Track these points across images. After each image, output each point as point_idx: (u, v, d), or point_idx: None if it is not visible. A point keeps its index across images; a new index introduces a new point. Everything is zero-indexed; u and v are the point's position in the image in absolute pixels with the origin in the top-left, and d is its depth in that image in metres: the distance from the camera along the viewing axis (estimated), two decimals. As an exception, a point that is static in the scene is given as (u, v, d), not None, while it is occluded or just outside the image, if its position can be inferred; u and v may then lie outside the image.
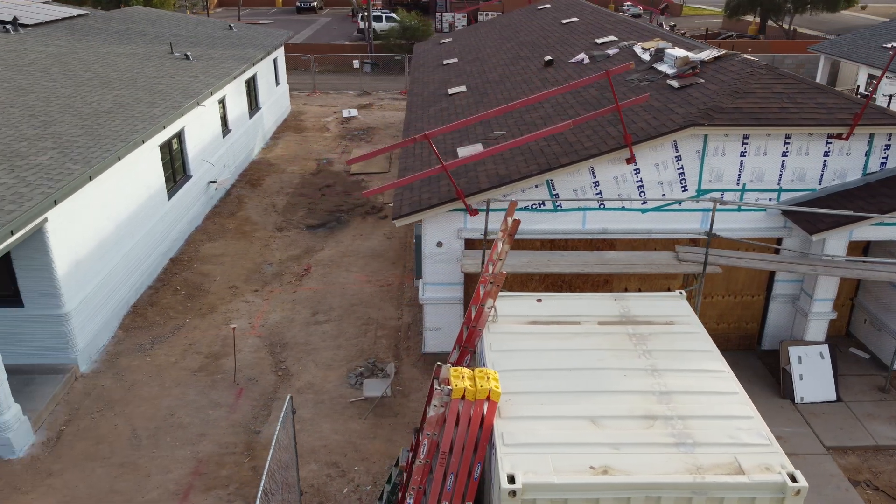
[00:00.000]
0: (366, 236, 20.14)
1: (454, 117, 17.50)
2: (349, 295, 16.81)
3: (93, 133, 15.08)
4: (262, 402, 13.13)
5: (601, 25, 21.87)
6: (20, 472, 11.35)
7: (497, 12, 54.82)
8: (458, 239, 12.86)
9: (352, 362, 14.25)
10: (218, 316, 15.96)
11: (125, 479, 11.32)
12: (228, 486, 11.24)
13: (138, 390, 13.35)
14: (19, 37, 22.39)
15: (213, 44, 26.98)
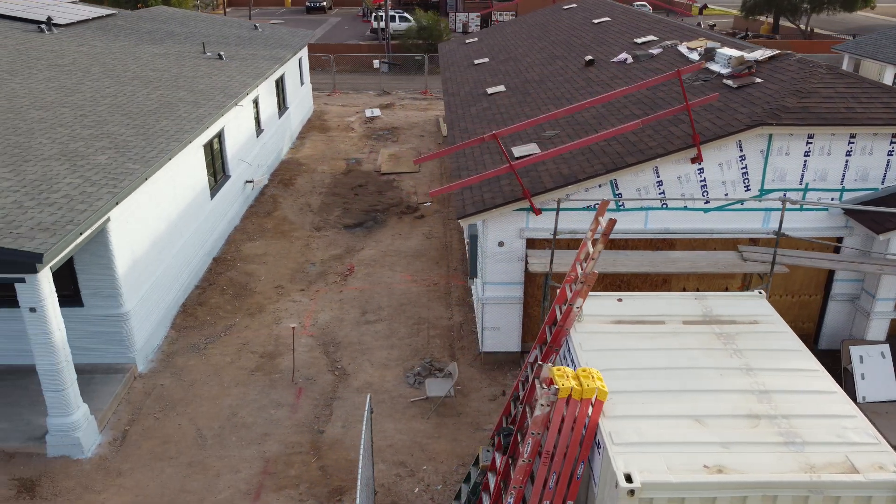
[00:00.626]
0: (405, 236, 20.13)
1: (498, 117, 17.50)
2: (396, 295, 16.81)
3: (145, 132, 15.07)
4: (322, 401, 13.12)
5: (636, 25, 21.86)
6: (90, 472, 11.35)
7: (512, 12, 54.88)
8: (519, 238, 12.85)
9: (407, 362, 14.25)
10: (267, 315, 15.96)
11: (195, 478, 11.31)
12: (298, 485, 11.24)
13: (198, 390, 13.34)
14: (54, 37, 22.38)
15: (242, 44, 26.97)
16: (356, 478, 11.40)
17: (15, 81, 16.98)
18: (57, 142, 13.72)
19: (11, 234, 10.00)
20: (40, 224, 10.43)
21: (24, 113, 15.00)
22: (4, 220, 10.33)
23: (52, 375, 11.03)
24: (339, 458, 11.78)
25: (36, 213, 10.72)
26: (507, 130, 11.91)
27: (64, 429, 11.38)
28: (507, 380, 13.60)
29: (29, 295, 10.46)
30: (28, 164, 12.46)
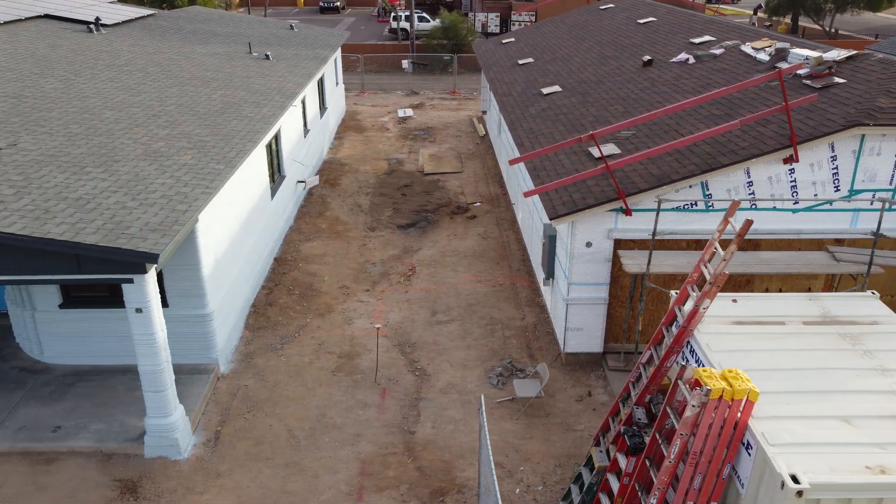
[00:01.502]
0: (460, 236, 20.11)
1: (562, 117, 17.48)
2: (464, 295, 16.79)
3: (218, 132, 15.05)
4: (407, 402, 13.11)
5: (687, 25, 21.86)
6: (189, 473, 11.33)
7: (532, 12, 54.82)
8: (607, 239, 12.84)
9: (487, 362, 14.23)
10: (337, 315, 15.94)
11: (294, 479, 11.30)
12: (399, 486, 11.22)
13: (282, 390, 13.33)
14: (103, 37, 22.36)
15: (283, 43, 26.95)
16: (455, 479, 11.40)
17: (80, 82, 16.95)
18: (138, 142, 13.70)
19: (124, 235, 9.98)
20: (148, 224, 10.41)
21: (99, 113, 14.98)
22: (113, 221, 10.31)
23: (153, 376, 11.02)
24: (435, 459, 11.77)
25: (141, 214, 10.70)
26: (604, 130, 11.90)
27: (162, 429, 11.36)
28: (590, 380, 13.59)
29: (136, 295, 10.45)
30: (118, 164, 12.45)
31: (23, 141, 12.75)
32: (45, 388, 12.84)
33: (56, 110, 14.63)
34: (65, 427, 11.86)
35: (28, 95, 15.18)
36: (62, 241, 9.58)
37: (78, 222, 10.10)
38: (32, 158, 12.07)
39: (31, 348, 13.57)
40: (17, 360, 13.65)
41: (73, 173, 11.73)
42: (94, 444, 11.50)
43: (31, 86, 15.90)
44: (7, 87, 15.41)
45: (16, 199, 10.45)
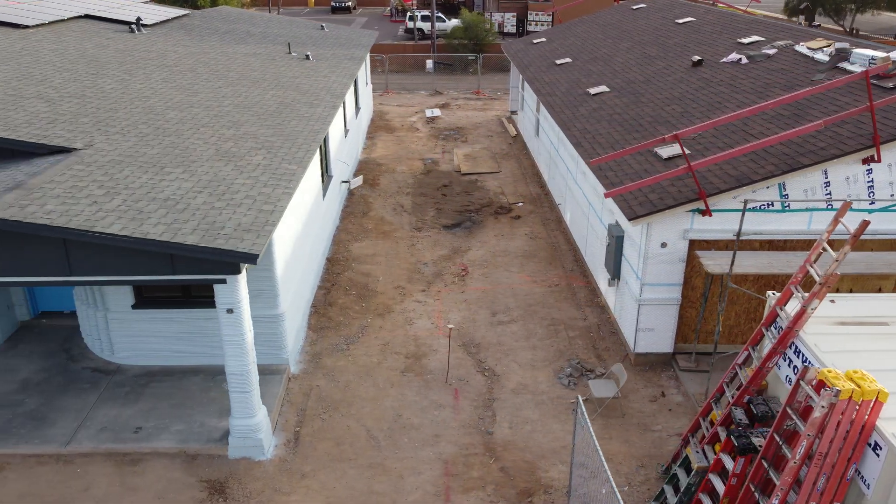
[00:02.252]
0: (507, 236, 20.10)
1: (616, 116, 17.47)
2: (521, 296, 16.78)
3: (281, 132, 15.03)
4: (481, 402, 13.10)
5: (730, 25, 21.84)
6: (274, 474, 11.32)
7: (548, 12, 54.81)
8: (682, 240, 12.83)
9: (554, 363, 14.22)
10: (396, 316, 15.93)
11: (379, 480, 11.28)
12: (484, 487, 11.21)
13: (354, 391, 13.31)
14: (145, 37, 22.33)
15: (317, 43, 26.92)
16: (539, 479, 11.39)
17: (136, 82, 16.93)
18: (208, 142, 13.68)
19: (221, 235, 9.96)
20: (241, 224, 10.39)
21: (163, 114, 14.96)
22: (206, 221, 10.29)
23: (241, 377, 11.01)
24: (517, 460, 11.76)
25: (231, 214, 10.68)
26: (688, 131, 11.89)
27: (247, 430, 11.35)
28: (661, 381, 13.58)
29: (228, 296, 10.43)
30: (194, 164, 12.43)
31: (97, 141, 12.73)
32: (119, 388, 12.81)
33: (121, 111, 14.61)
34: (146, 428, 11.84)
35: (90, 96, 15.16)
36: (163, 241, 9.56)
37: (173, 223, 10.08)
38: (112, 159, 12.05)
39: (102, 349, 13.55)
40: (87, 360, 13.63)
41: (154, 174, 11.71)
42: (178, 445, 11.48)
43: (91, 86, 15.88)
44: (69, 88, 15.38)
45: (108, 200, 10.43)
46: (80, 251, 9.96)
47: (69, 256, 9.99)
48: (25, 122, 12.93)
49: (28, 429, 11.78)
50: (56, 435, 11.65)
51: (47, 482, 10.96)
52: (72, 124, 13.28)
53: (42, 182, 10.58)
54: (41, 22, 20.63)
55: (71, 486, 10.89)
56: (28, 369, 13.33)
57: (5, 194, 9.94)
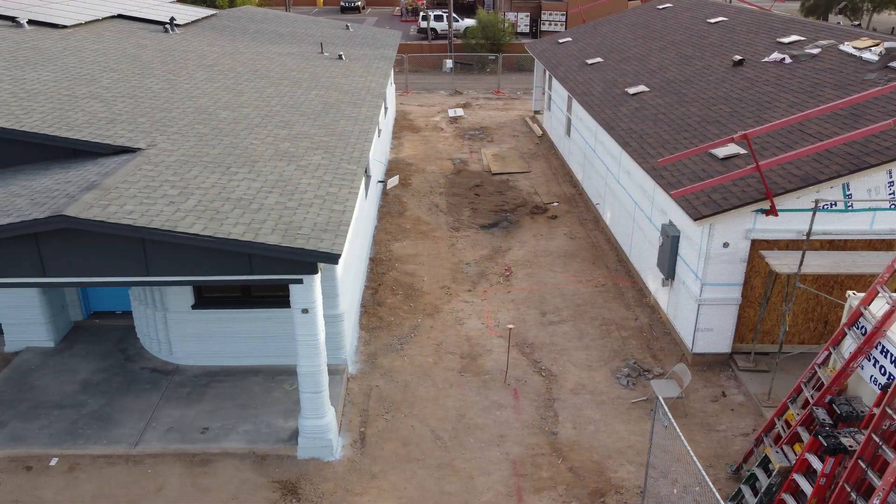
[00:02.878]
0: (546, 236, 20.07)
1: (661, 116, 17.46)
2: (568, 296, 16.76)
3: (332, 132, 15.01)
4: (541, 402, 13.08)
5: (767, 24, 21.82)
6: (344, 475, 11.30)
7: (562, 11, 54.82)
8: (744, 240, 12.81)
9: (610, 363, 14.20)
10: (446, 316, 15.91)
11: (449, 480, 11.26)
12: (555, 487, 11.19)
13: (414, 391, 13.29)
14: (180, 37, 22.31)
15: (345, 43, 26.90)
16: (609, 479, 11.37)
17: (181, 81, 16.91)
18: (265, 142, 13.66)
19: (300, 235, 9.94)
20: (316, 224, 10.37)
21: (216, 113, 14.94)
22: (282, 221, 10.27)
23: (312, 377, 10.99)
24: (584, 460, 11.74)
25: (304, 214, 10.65)
26: (758, 130, 11.87)
27: (318, 430, 11.33)
28: (721, 381, 13.56)
29: (304, 296, 10.41)
30: (258, 164, 12.41)
31: (159, 141, 12.70)
32: (180, 388, 12.79)
33: (174, 111, 14.58)
34: (213, 428, 11.82)
35: (141, 96, 15.14)
36: (245, 241, 9.53)
37: (251, 223, 10.06)
38: (177, 159, 12.03)
39: (160, 349, 13.53)
40: (144, 360, 13.61)
41: (221, 174, 11.69)
42: (247, 446, 11.46)
43: (139, 86, 15.86)
44: (119, 88, 15.36)
45: (183, 200, 10.41)
46: (158, 251, 9.94)
47: (147, 256, 9.97)
48: (85, 122, 12.91)
49: (94, 429, 11.75)
50: (123, 435, 11.62)
51: (119, 483, 10.94)
52: (130, 124, 13.25)
53: (116, 182, 10.55)
54: (79, 22, 20.61)
55: (143, 486, 10.87)
56: (86, 370, 13.30)
57: (83, 194, 9.92)
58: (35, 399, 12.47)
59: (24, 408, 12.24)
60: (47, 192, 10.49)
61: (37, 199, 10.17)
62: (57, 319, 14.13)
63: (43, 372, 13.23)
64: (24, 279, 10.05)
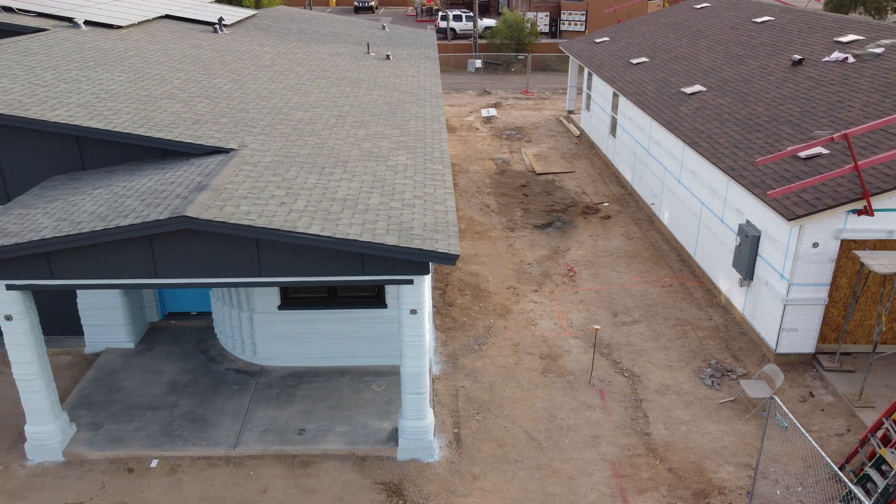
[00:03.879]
0: (603, 237, 20.04)
1: (726, 116, 17.42)
2: (637, 296, 16.72)
3: (406, 132, 14.97)
4: (628, 403, 13.04)
5: (818, 24, 21.78)
6: (446, 476, 11.26)
7: (581, 11, 54.79)
8: (834, 240, 12.78)
9: (690, 363, 14.17)
10: (517, 316, 15.87)
11: (551, 482, 11.22)
12: (657, 488, 11.16)
13: (500, 392, 13.25)
14: (230, 37, 22.27)
15: (386, 43, 26.86)
16: (710, 480, 11.33)
17: (247, 81, 16.87)
18: (346, 142, 13.62)
19: (415, 236, 9.90)
20: (426, 225, 10.33)
21: (291, 114, 14.90)
22: (392, 221, 10.23)
23: (416, 378, 10.95)
24: (682, 461, 11.70)
25: (410, 214, 10.61)
26: (858, 130, 11.83)
27: (419, 432, 11.29)
28: (806, 381, 13.53)
29: (413, 297, 10.37)
30: (349, 164, 12.37)
31: (248, 142, 12.66)
32: (269, 390, 12.75)
33: (251, 111, 14.55)
34: (309, 429, 11.77)
35: (215, 96, 15.09)
36: (365, 242, 9.49)
37: (364, 223, 10.02)
38: (272, 159, 11.99)
39: (244, 350, 13.49)
40: (227, 361, 13.57)
41: (319, 174, 11.65)
42: (347, 447, 11.42)
43: (209, 86, 15.81)
44: (192, 88, 15.32)
45: (292, 201, 10.37)
46: (271, 252, 9.91)
47: (260, 257, 9.93)
48: (172, 122, 12.87)
49: (190, 431, 11.71)
50: (221, 437, 11.58)
51: (222, 485, 10.90)
52: (215, 125, 13.21)
53: (223, 183, 10.51)
54: (132, 22, 20.57)
55: (248, 488, 10.83)
56: (171, 371, 13.26)
57: (196, 195, 9.87)
58: (125, 400, 12.43)
59: (115, 409, 12.20)
60: (154, 192, 10.45)
61: (147, 200, 10.13)
62: (136, 320, 14.09)
63: (128, 373, 13.19)
64: (136, 280, 10.01)
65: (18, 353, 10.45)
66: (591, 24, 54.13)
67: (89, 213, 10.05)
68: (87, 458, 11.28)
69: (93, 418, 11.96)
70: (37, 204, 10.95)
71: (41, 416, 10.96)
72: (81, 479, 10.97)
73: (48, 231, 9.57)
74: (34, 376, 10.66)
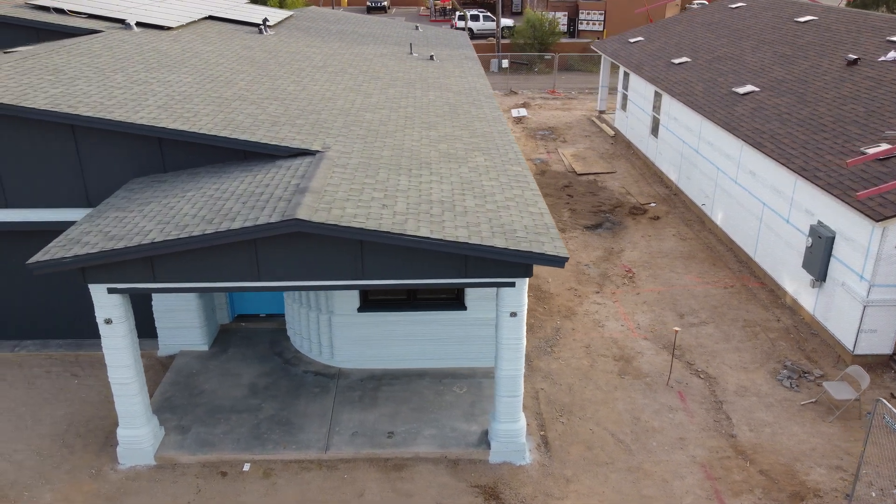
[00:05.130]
0: (655, 237, 19.99)
1: (786, 116, 17.37)
2: (700, 297, 16.67)
3: (474, 133, 14.92)
4: (709, 405, 12.99)
5: (867, 23, 21.73)
6: (539, 479, 11.21)
7: (599, 11, 54.72)
8: (917, 240, 12.73)
9: (766, 365, 14.12)
10: (582, 318, 15.83)
11: (645, 484, 11.18)
12: (752, 490, 11.11)
13: (580, 394, 13.21)
14: (276, 38, 22.23)
15: (423, 43, 26.81)
16: (804, 482, 11.28)
17: (307, 83, 16.82)
18: (421, 143, 13.57)
19: (521, 238, 9.85)
20: (527, 227, 10.28)
21: (360, 115, 14.86)
22: (494, 224, 10.18)
23: (512, 381, 10.90)
24: (773, 463, 11.65)
25: (507, 216, 10.56)
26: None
27: (512, 435, 11.25)
28: (886, 382, 13.48)
29: (514, 299, 10.33)
30: (432, 166, 12.32)
31: (329, 143, 12.61)
32: (350, 392, 12.71)
33: (322, 113, 14.50)
34: (398, 432, 11.73)
35: (283, 97, 15.04)
36: (475, 244, 9.44)
37: (468, 225, 9.97)
38: (359, 161, 11.94)
39: (320, 352, 13.44)
40: (303, 364, 13.53)
41: (408, 176, 11.60)
42: (438, 450, 11.37)
43: (274, 88, 15.76)
44: (258, 90, 15.28)
45: (392, 203, 10.33)
46: (374, 254, 9.86)
47: (364, 260, 9.89)
48: (250, 124, 12.83)
49: (279, 434, 11.67)
50: (311, 440, 11.54)
51: (318, 488, 10.85)
52: (292, 126, 13.17)
53: (321, 185, 10.46)
54: (181, 23, 20.53)
55: (344, 492, 10.79)
56: (249, 373, 13.22)
57: (299, 197, 9.82)
58: (208, 403, 12.38)
59: (200, 412, 12.16)
60: (252, 195, 10.41)
61: (248, 203, 10.09)
62: (209, 323, 14.05)
63: (206, 376, 13.15)
64: (237, 283, 9.97)
65: (116, 356, 10.41)
66: (610, 23, 54.08)
67: (191, 215, 10.00)
68: (178, 461, 11.23)
69: (179, 421, 11.92)
70: (129, 206, 10.90)
71: (135, 419, 10.91)
72: (176, 483, 10.93)
73: (155, 235, 9.52)
74: (130, 380, 10.62)
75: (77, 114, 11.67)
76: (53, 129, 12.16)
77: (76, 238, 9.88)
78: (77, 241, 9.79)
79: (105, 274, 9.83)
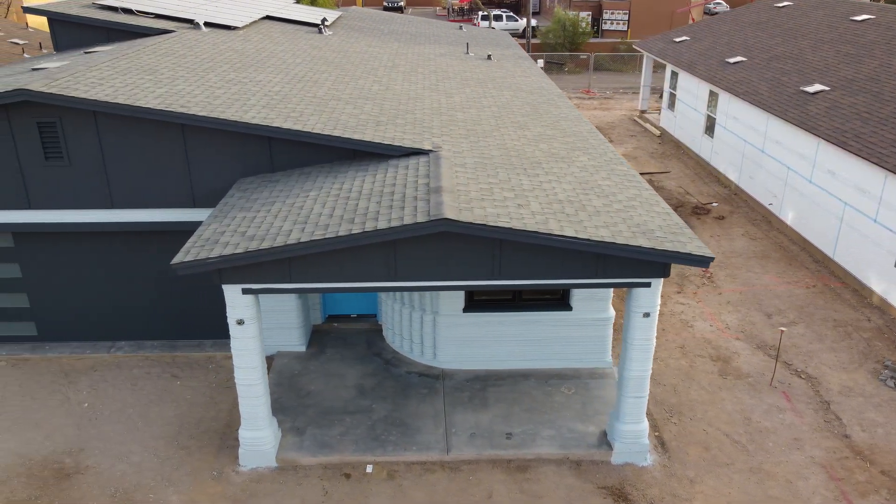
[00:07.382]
0: (724, 237, 19.91)
1: (865, 115, 17.30)
2: (783, 297, 16.59)
3: (564, 133, 14.84)
4: (816, 405, 12.91)
5: (929, 23, 21.67)
6: (664, 480, 11.13)
7: (624, 10, 54.67)
8: None
9: (865, 364, 14.04)
10: (669, 318, 15.75)
11: (769, 485, 11.10)
12: (878, 490, 11.03)
13: (685, 394, 13.13)
14: (335, 38, 22.17)
15: (475, 43, 26.74)
16: (929, 483, 11.20)
17: (389, 83, 16.75)
18: (522, 142, 13.50)
19: (661, 238, 9.77)
20: (661, 227, 10.20)
21: (451, 114, 14.79)
22: (630, 224, 10.10)
23: (639, 381, 10.83)
24: (893, 463, 11.57)
25: (638, 216, 10.47)
26: None
27: (635, 435, 11.17)
28: None
29: (647, 300, 10.26)
30: (543, 165, 12.24)
31: (438, 143, 12.54)
32: (458, 393, 12.63)
33: (416, 112, 14.44)
34: (516, 433, 11.65)
35: (374, 97, 14.98)
36: (622, 244, 9.37)
37: (605, 226, 9.90)
38: (474, 161, 11.87)
39: (422, 352, 13.37)
40: (405, 364, 13.45)
41: (526, 175, 11.53)
42: (560, 451, 11.30)
43: (359, 87, 15.70)
44: (347, 90, 15.21)
45: (525, 203, 10.25)
46: (511, 254, 9.79)
47: (501, 260, 9.81)
48: (356, 124, 12.76)
49: (396, 435, 11.59)
50: (430, 441, 11.46)
51: (445, 490, 10.77)
52: (395, 125, 13.10)
53: (451, 185, 10.39)
54: (245, 23, 20.46)
55: (472, 494, 10.71)
56: (352, 374, 13.14)
57: (436, 196, 9.75)
58: (318, 405, 12.31)
59: (312, 414, 12.08)
60: (381, 194, 10.33)
61: (382, 202, 10.02)
62: (306, 324, 13.97)
63: (309, 377, 13.07)
64: (372, 283, 9.90)
65: (245, 357, 10.33)
66: (634, 23, 54.02)
67: (327, 215, 9.93)
68: (299, 463, 11.16)
69: (293, 423, 11.84)
70: (253, 206, 10.83)
71: (258, 421, 10.84)
72: (301, 485, 10.85)
73: (297, 234, 9.45)
74: (257, 381, 10.54)
75: (192, 113, 11.60)
76: (164, 129, 12.09)
77: (213, 238, 9.80)
78: (215, 241, 9.71)
79: (242, 274, 9.75)
